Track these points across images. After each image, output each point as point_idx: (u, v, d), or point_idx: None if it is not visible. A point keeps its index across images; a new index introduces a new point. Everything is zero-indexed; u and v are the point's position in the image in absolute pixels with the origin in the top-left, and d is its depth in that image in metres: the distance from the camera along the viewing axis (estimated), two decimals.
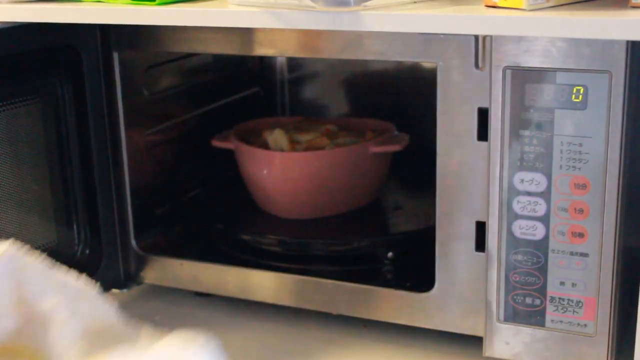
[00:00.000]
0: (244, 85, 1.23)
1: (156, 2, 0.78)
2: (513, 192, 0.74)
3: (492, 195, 0.75)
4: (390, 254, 0.92)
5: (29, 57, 0.84)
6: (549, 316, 0.76)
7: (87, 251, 0.93)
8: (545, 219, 0.73)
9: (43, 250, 0.87)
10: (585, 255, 0.73)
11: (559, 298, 0.75)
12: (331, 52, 0.81)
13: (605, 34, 0.64)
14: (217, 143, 1.05)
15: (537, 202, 0.73)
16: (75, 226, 0.92)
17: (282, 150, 1.01)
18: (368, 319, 0.87)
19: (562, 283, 0.75)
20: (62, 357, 0.59)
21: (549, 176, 0.72)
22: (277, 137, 1.02)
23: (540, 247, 0.74)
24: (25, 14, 0.82)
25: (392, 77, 1.20)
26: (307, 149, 1.00)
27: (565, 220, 0.73)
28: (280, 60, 1.26)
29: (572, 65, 0.69)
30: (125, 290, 0.98)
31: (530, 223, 0.74)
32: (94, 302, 0.63)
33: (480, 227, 0.77)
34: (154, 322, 0.95)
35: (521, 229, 0.75)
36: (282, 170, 1.01)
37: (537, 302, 0.76)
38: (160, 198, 1.04)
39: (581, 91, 0.69)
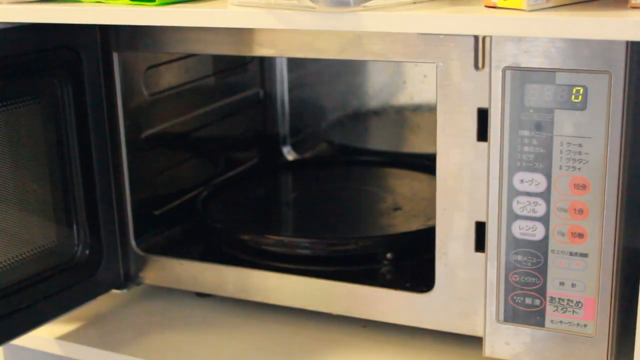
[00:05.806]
0: (244, 86, 1.23)
1: (156, 2, 0.78)
2: (513, 192, 0.74)
3: (491, 196, 0.75)
4: (389, 255, 0.92)
5: (29, 58, 0.84)
6: (548, 316, 0.76)
7: (87, 251, 0.93)
8: (545, 220, 0.73)
9: (43, 250, 0.88)
10: (585, 255, 0.73)
11: (559, 298, 0.75)
12: (331, 52, 0.81)
13: (605, 34, 0.64)
14: None
15: (536, 202, 0.73)
16: (75, 226, 0.91)
17: None
18: (368, 319, 0.87)
19: (561, 283, 0.75)
20: None
21: (548, 176, 0.72)
22: None
23: (540, 248, 0.74)
24: (25, 14, 0.82)
25: (392, 77, 1.20)
26: None
27: (565, 221, 0.73)
28: (280, 60, 1.26)
29: (571, 65, 0.69)
30: (125, 291, 0.98)
31: (530, 223, 0.74)
32: None
33: (480, 227, 0.77)
34: (154, 322, 0.96)
35: (521, 229, 0.75)
36: None
37: (537, 302, 0.76)
38: (160, 198, 1.04)
39: (581, 91, 0.69)
